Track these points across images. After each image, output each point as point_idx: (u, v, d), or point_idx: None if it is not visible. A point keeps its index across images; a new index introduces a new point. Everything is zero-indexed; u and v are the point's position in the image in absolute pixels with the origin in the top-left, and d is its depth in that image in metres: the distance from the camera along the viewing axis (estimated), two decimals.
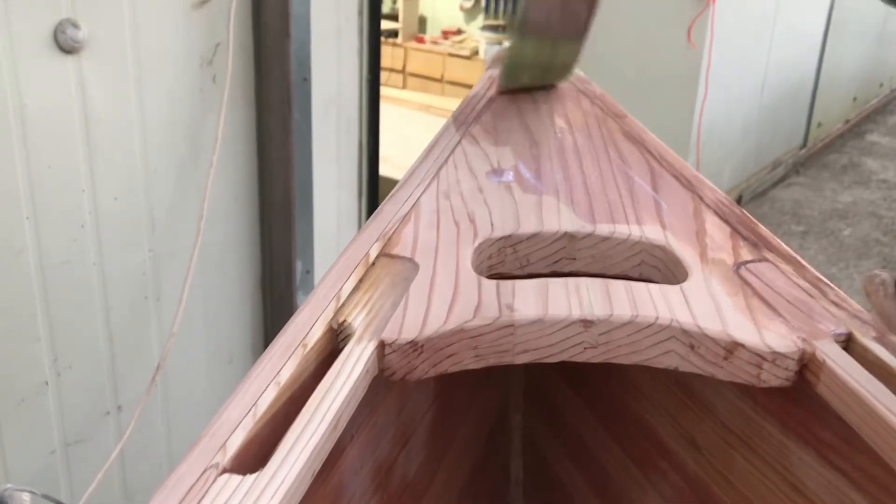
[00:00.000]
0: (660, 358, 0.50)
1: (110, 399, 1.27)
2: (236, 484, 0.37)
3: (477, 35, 5.05)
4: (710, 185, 0.68)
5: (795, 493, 0.55)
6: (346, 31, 1.47)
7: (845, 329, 0.50)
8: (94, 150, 1.14)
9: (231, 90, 1.26)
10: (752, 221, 0.63)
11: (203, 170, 1.27)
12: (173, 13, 1.20)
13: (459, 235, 0.59)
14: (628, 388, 0.74)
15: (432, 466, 0.74)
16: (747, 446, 0.59)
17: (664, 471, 0.70)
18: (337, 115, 1.50)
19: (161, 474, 1.39)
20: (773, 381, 0.48)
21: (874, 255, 3.47)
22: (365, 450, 0.59)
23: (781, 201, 3.99)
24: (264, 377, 0.44)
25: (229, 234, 1.39)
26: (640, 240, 0.59)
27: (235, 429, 0.40)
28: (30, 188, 1.08)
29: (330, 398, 0.42)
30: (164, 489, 0.36)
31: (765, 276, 0.55)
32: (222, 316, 1.43)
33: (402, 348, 0.47)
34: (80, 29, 1.07)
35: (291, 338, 0.47)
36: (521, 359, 0.50)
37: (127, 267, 1.24)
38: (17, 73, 1.04)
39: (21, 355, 1.14)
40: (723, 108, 3.04)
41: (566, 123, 0.77)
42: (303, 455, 0.39)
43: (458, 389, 0.77)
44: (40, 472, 1.20)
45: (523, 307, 0.50)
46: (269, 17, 1.31)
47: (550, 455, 0.87)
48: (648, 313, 0.50)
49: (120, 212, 1.20)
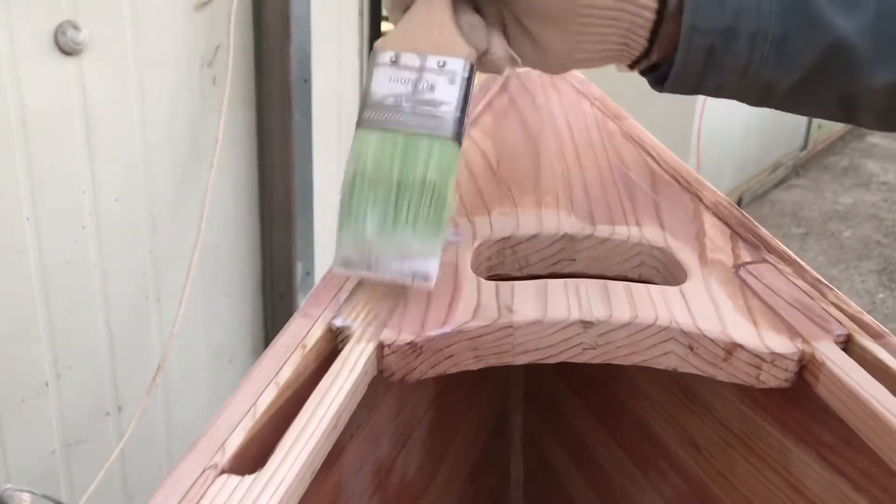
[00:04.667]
0: (659, 359, 0.50)
1: (111, 399, 1.27)
2: (235, 484, 0.37)
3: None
4: (710, 186, 0.68)
5: (795, 493, 0.55)
6: (346, 32, 1.47)
7: (845, 330, 0.50)
8: (95, 151, 1.14)
9: (231, 91, 1.26)
10: (752, 223, 0.63)
11: (203, 171, 1.27)
12: (174, 15, 1.20)
13: (459, 236, 0.59)
14: (628, 388, 0.74)
15: (432, 467, 0.74)
16: (747, 447, 0.59)
17: (664, 471, 0.70)
18: (338, 116, 1.50)
19: (161, 474, 1.39)
20: (773, 381, 0.48)
21: (874, 256, 3.47)
22: (364, 450, 0.59)
23: (782, 203, 3.99)
24: (264, 377, 0.44)
25: (230, 235, 1.39)
26: (640, 241, 0.59)
27: (235, 429, 0.40)
28: (30, 189, 1.09)
29: (329, 399, 0.42)
30: (164, 489, 0.37)
31: (764, 278, 0.55)
32: (223, 317, 1.43)
33: (401, 349, 0.47)
34: (80, 31, 1.08)
35: (291, 338, 0.47)
36: (520, 360, 0.50)
37: (127, 267, 1.24)
38: (18, 75, 1.04)
39: (21, 356, 1.14)
40: (723, 109, 3.04)
41: (566, 125, 0.77)
42: (302, 455, 0.39)
43: (458, 390, 0.77)
44: (40, 472, 1.21)
45: (522, 308, 0.50)
46: (270, 19, 1.31)
47: (550, 456, 0.87)
48: (648, 314, 0.50)
49: (120, 213, 1.20)
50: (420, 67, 0.50)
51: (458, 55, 0.50)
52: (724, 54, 0.49)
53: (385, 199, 0.49)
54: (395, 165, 0.49)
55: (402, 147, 0.49)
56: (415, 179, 0.49)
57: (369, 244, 0.49)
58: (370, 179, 0.49)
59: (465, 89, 0.50)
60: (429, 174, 0.49)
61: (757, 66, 0.49)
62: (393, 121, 0.50)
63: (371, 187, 0.49)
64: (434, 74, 0.50)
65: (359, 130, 0.51)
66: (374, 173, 0.49)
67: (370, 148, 0.50)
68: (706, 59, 0.49)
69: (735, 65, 0.49)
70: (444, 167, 0.49)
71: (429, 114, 0.49)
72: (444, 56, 0.50)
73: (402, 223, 0.49)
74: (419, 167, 0.49)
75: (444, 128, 0.49)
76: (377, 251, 0.49)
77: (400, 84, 0.50)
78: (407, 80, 0.50)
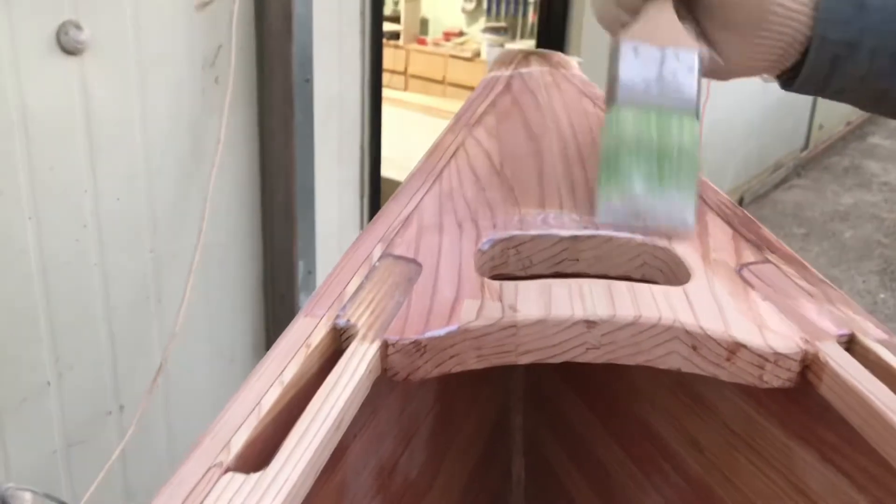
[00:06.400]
0: (662, 359, 0.50)
1: (112, 399, 1.28)
2: (239, 483, 0.37)
3: (479, 37, 5.05)
4: (712, 186, 0.68)
5: (798, 493, 0.55)
6: (347, 32, 1.48)
7: (847, 330, 0.50)
8: (97, 150, 1.15)
9: (233, 91, 1.26)
10: (755, 223, 0.63)
11: (205, 170, 1.27)
12: (176, 15, 1.20)
13: (462, 236, 0.59)
14: (630, 389, 0.74)
15: (434, 466, 0.74)
16: (750, 447, 0.59)
17: (666, 472, 0.70)
18: (339, 116, 1.50)
19: (162, 474, 1.39)
20: (776, 381, 0.48)
21: (875, 256, 3.47)
22: (368, 449, 0.59)
23: (783, 203, 3.99)
24: (268, 376, 0.44)
25: (231, 235, 1.39)
26: (643, 241, 0.59)
27: (239, 427, 0.40)
28: (32, 189, 1.09)
29: (333, 398, 0.42)
30: (168, 487, 0.37)
31: (767, 278, 0.55)
32: (224, 316, 1.43)
33: (405, 348, 0.47)
34: (82, 30, 1.08)
35: (295, 338, 0.47)
36: (523, 359, 0.50)
37: (129, 267, 1.24)
38: (20, 75, 1.04)
39: (23, 356, 1.14)
40: (724, 109, 3.04)
41: (569, 125, 0.77)
42: (306, 454, 0.39)
43: (461, 390, 0.77)
44: (42, 471, 1.21)
45: (526, 308, 0.50)
46: (272, 19, 1.31)
47: (552, 456, 0.87)
48: (651, 314, 0.50)
49: (122, 212, 1.20)
50: (661, 57, 0.60)
51: (692, 48, 0.60)
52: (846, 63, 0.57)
53: (648, 162, 0.59)
54: (653, 135, 0.59)
55: (657, 121, 0.60)
56: (671, 147, 0.59)
57: (637, 199, 0.59)
58: (632, 147, 0.59)
59: (699, 76, 0.60)
60: (683, 142, 0.59)
61: (875, 76, 0.57)
62: (645, 100, 0.60)
63: (634, 153, 0.59)
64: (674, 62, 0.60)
65: (614, 107, 0.60)
66: (635, 142, 0.59)
67: (628, 121, 0.60)
68: (831, 66, 0.57)
69: (856, 73, 0.57)
70: (693, 137, 0.60)
71: (675, 95, 0.60)
72: (680, 49, 0.60)
73: (667, 181, 0.59)
74: (674, 137, 0.60)
75: (689, 106, 0.60)
76: (646, 205, 0.59)
77: (647, 70, 0.60)
78: (652, 68, 0.60)
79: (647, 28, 0.61)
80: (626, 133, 0.60)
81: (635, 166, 0.59)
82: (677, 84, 0.60)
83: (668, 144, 0.60)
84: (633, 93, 0.60)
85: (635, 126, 0.60)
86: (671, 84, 0.60)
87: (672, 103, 0.60)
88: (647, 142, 0.59)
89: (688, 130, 0.60)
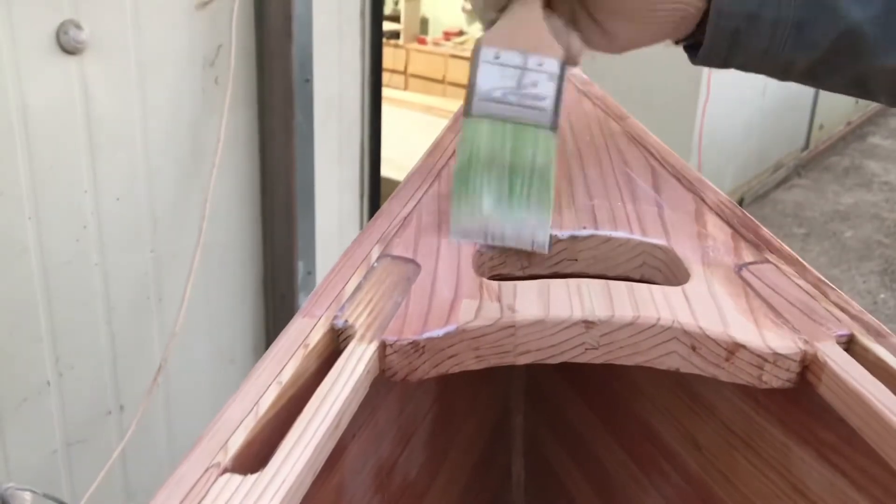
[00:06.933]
0: (661, 359, 0.50)
1: (112, 399, 1.28)
2: (237, 483, 0.37)
3: (479, 36, 5.04)
4: (712, 186, 0.68)
5: (797, 493, 0.55)
6: (347, 32, 1.47)
7: (847, 330, 0.50)
8: (97, 150, 1.15)
9: (233, 91, 1.26)
10: (754, 223, 0.63)
11: (205, 170, 1.27)
12: (176, 14, 1.20)
13: None
14: (630, 389, 0.74)
15: (433, 466, 0.74)
16: (749, 447, 0.59)
17: (666, 472, 0.70)
18: (339, 116, 1.50)
19: (162, 474, 1.39)
20: (775, 382, 0.48)
21: (876, 256, 3.47)
22: (366, 450, 0.59)
23: (783, 203, 3.99)
24: (266, 377, 0.44)
25: (231, 235, 1.39)
26: (642, 241, 0.59)
27: (237, 428, 0.40)
28: (32, 189, 1.09)
29: (331, 398, 0.42)
30: (166, 488, 0.37)
31: (766, 278, 0.55)
32: (224, 316, 1.43)
33: (403, 349, 0.47)
34: (82, 30, 1.08)
35: (293, 338, 0.47)
36: (522, 360, 0.50)
37: (129, 267, 1.24)
38: (20, 74, 1.04)
39: (23, 355, 1.14)
40: (725, 109, 3.04)
41: (567, 124, 0.77)
42: (304, 455, 0.39)
43: (460, 390, 0.77)
44: (42, 471, 1.21)
45: (525, 308, 0.50)
46: (272, 19, 1.31)
47: (552, 456, 0.87)
48: (650, 314, 0.50)
49: (122, 212, 1.20)
50: (522, 65, 0.57)
51: (555, 55, 0.57)
52: (748, 36, 0.56)
53: (499, 179, 0.57)
54: (506, 150, 0.57)
55: (512, 135, 0.57)
56: (525, 163, 0.57)
57: (486, 217, 0.56)
58: (484, 162, 0.57)
59: (560, 85, 0.58)
60: (537, 159, 0.57)
61: (777, 48, 0.56)
62: (501, 111, 0.57)
63: (485, 169, 0.57)
64: (535, 72, 0.57)
65: (469, 119, 0.58)
66: (487, 156, 0.57)
67: (482, 134, 0.57)
68: (732, 39, 0.56)
69: (758, 46, 0.57)
70: (548, 153, 0.57)
71: (533, 106, 0.57)
72: (543, 56, 0.57)
73: (518, 200, 0.56)
74: (528, 153, 0.57)
75: (546, 119, 0.57)
76: (494, 224, 0.56)
77: (505, 79, 0.58)
78: (511, 76, 0.58)
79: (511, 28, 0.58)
80: (480, 147, 0.57)
81: (486, 183, 0.56)
82: (536, 95, 0.57)
83: (521, 161, 0.57)
84: (489, 104, 0.57)
85: (489, 140, 0.57)
86: (530, 95, 0.57)
87: (529, 116, 0.57)
88: (500, 157, 0.57)
89: (542, 146, 0.57)
